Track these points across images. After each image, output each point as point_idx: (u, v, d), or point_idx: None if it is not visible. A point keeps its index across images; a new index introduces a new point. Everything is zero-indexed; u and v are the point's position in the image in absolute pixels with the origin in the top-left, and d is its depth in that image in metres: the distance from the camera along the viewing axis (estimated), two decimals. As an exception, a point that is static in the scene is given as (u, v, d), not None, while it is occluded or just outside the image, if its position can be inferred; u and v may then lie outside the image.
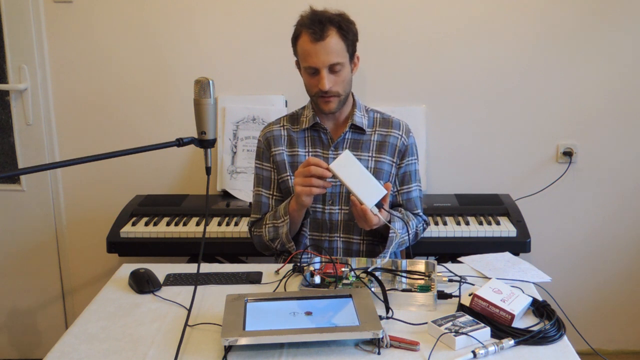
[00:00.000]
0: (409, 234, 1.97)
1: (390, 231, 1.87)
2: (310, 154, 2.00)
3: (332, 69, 1.87)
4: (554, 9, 2.66)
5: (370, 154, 2.00)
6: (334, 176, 1.73)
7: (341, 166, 1.71)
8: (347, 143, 2.00)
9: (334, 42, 1.85)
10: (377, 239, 2.00)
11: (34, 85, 2.77)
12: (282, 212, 1.92)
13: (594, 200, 2.83)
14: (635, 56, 2.69)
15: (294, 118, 2.07)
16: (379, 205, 1.72)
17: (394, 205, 2.07)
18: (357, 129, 2.01)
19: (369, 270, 1.69)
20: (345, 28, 1.88)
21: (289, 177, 2.01)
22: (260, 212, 2.06)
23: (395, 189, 2.05)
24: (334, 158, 1.96)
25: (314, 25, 1.84)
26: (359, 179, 1.71)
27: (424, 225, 2.11)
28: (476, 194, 2.72)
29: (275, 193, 2.06)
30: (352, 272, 1.68)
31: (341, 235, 1.99)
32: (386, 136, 2.02)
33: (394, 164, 2.02)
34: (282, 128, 2.05)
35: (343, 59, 1.88)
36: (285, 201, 1.95)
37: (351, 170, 1.71)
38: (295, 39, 1.93)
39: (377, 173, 1.98)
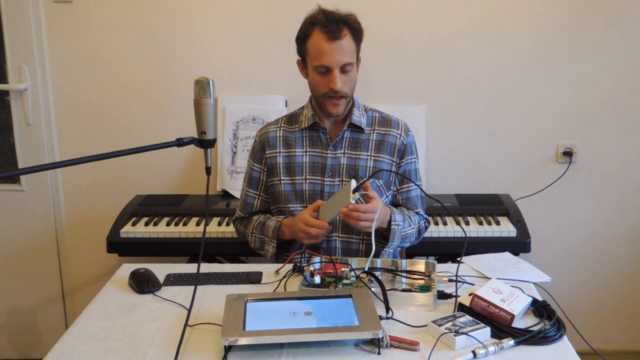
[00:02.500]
0: (412, 228, 1.98)
1: (392, 224, 1.88)
2: (308, 154, 2.01)
3: (344, 69, 1.88)
4: (554, 9, 2.66)
5: (369, 153, 2.00)
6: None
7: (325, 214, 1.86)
8: (346, 142, 2.00)
9: (347, 42, 1.87)
10: (379, 239, 1.98)
11: (34, 85, 2.77)
12: (270, 234, 1.97)
13: (594, 200, 2.83)
14: (635, 56, 2.69)
15: (292, 118, 2.07)
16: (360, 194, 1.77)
17: (394, 206, 2.07)
18: (356, 128, 2.01)
19: (367, 267, 1.69)
20: (357, 28, 1.91)
21: (279, 182, 2.02)
22: (245, 211, 2.11)
23: (395, 188, 2.05)
24: (332, 157, 1.99)
25: (330, 25, 1.84)
26: (335, 202, 1.82)
27: (426, 223, 2.11)
28: (476, 194, 2.72)
29: (262, 194, 2.08)
30: (352, 272, 1.68)
31: (340, 234, 1.99)
32: (385, 135, 2.02)
33: (393, 163, 2.02)
34: (278, 129, 2.05)
35: (353, 59, 1.91)
36: (274, 222, 1.97)
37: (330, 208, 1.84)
38: (305, 37, 1.91)
39: (376, 172, 1.99)
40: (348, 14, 1.91)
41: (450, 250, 2.37)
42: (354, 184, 1.71)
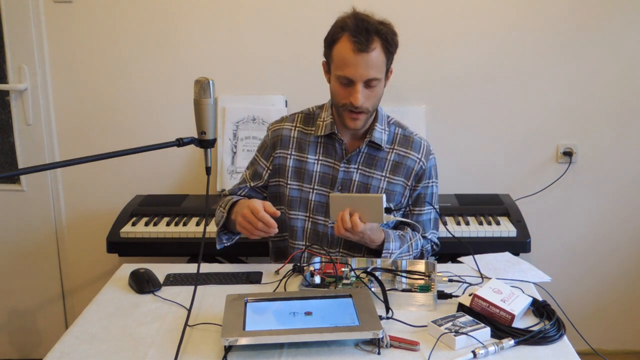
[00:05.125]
0: (410, 254, 1.89)
1: (384, 252, 1.82)
2: (320, 162, 1.92)
3: (368, 83, 1.74)
4: (554, 9, 2.66)
5: (383, 174, 1.91)
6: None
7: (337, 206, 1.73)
8: (361, 157, 1.91)
9: (376, 55, 1.72)
10: (377, 254, 1.89)
11: (34, 85, 2.77)
12: (227, 204, 1.85)
13: (594, 200, 2.83)
14: (635, 56, 2.69)
15: (309, 118, 1.95)
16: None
17: (403, 225, 2.00)
18: (375, 144, 1.90)
19: (369, 269, 1.69)
20: (391, 41, 1.75)
21: (286, 185, 1.94)
22: (230, 192, 1.98)
23: (408, 209, 1.97)
24: (345, 171, 1.91)
25: (360, 34, 1.69)
26: (357, 208, 1.71)
27: (434, 246, 2.02)
28: (476, 194, 2.72)
29: (257, 188, 1.98)
30: (352, 272, 1.68)
31: (341, 250, 1.93)
32: (404, 157, 1.91)
33: (407, 187, 1.93)
34: (293, 128, 1.94)
35: (381, 74, 1.76)
36: (235, 198, 1.87)
37: (345, 203, 1.72)
38: (332, 42, 1.76)
39: (388, 194, 1.90)
40: (382, 22, 1.75)
41: (450, 250, 2.37)
42: (384, 200, 1.66)
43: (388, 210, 1.69)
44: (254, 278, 1.76)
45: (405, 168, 1.92)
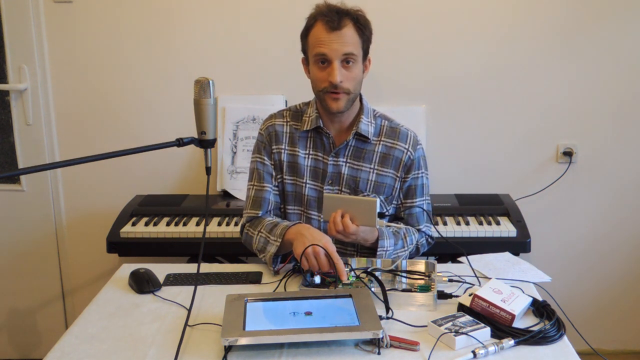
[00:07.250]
0: (404, 250, 1.89)
1: (378, 250, 1.82)
2: (310, 156, 1.93)
3: (345, 63, 1.79)
4: (554, 8, 2.66)
5: (372, 166, 1.91)
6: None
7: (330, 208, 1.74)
8: (349, 151, 1.92)
9: (349, 33, 1.78)
10: (371, 251, 1.89)
11: (34, 85, 2.77)
12: (278, 232, 1.81)
13: (594, 200, 2.83)
14: (635, 56, 2.69)
15: (297, 115, 1.97)
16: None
17: (396, 219, 2.00)
18: (361, 137, 1.91)
19: (369, 269, 1.69)
20: (363, 23, 1.82)
21: (282, 180, 1.94)
22: (262, 208, 1.94)
23: (399, 202, 1.97)
24: (334, 165, 1.92)
25: (331, 14, 1.77)
26: (350, 209, 1.72)
27: (429, 239, 2.02)
28: (476, 194, 2.72)
29: (274, 188, 1.97)
30: (352, 272, 1.68)
31: (335, 244, 1.88)
32: (391, 148, 1.92)
33: (397, 178, 1.93)
34: (285, 124, 1.96)
35: (357, 51, 1.80)
36: (287, 223, 1.83)
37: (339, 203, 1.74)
38: (307, 30, 1.83)
39: (377, 187, 1.91)
40: (354, 9, 1.83)
41: (450, 251, 2.37)
42: (378, 204, 1.67)
43: (381, 215, 1.70)
44: (254, 278, 1.76)
45: (393, 159, 1.92)
